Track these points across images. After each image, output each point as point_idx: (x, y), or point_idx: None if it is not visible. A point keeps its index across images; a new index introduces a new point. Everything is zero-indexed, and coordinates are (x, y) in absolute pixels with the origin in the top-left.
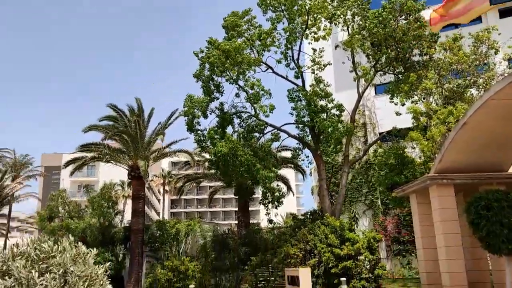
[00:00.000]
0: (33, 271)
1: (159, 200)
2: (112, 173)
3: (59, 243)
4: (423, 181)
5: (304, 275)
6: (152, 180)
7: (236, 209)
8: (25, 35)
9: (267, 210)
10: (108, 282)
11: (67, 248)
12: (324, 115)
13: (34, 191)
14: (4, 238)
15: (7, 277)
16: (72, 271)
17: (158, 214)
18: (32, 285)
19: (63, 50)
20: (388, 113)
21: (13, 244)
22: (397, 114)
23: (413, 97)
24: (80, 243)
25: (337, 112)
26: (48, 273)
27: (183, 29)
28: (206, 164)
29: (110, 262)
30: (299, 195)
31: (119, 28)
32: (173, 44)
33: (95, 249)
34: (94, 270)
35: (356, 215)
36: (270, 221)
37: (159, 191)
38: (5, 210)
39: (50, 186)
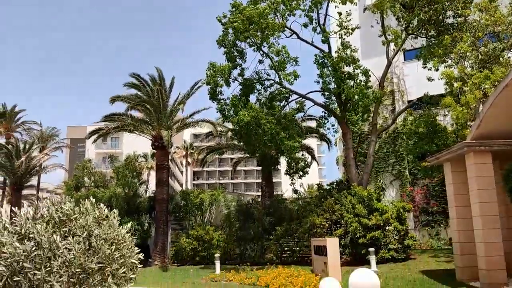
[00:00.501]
0: (54, 234)
1: (181, 172)
2: (135, 145)
3: (80, 205)
4: (460, 148)
5: (332, 244)
6: (174, 152)
7: (258, 181)
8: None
9: (292, 180)
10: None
11: (89, 210)
12: (351, 82)
13: (60, 162)
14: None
15: (26, 241)
16: (97, 234)
17: (181, 185)
18: (54, 249)
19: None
20: (418, 80)
21: (32, 207)
22: (429, 79)
23: (447, 62)
24: (102, 205)
25: (364, 78)
26: (71, 236)
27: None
28: (229, 134)
29: (131, 222)
30: (321, 166)
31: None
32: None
33: (116, 211)
34: (119, 232)
35: (383, 186)
36: (295, 191)
37: (181, 163)
38: (34, 181)
39: (76, 158)
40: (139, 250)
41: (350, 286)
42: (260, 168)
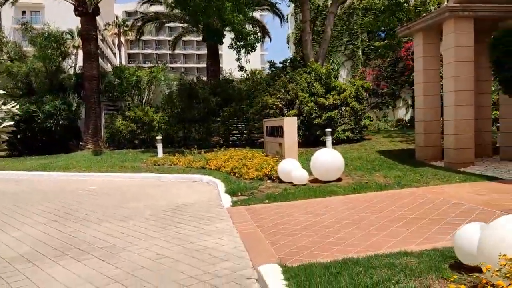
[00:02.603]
0: None
1: (114, 54)
2: (60, 21)
3: None
4: (439, 14)
5: (290, 124)
6: (105, 29)
7: (199, 65)
8: None
9: (238, 55)
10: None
11: None
12: None
13: None
14: None
15: None
16: None
17: None
18: None
19: None
20: None
21: None
22: None
23: None
24: None
25: None
26: None
27: None
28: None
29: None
30: (264, 52)
31: None
32: None
33: None
34: None
35: (335, 66)
36: (241, 67)
37: (113, 43)
38: None
39: None
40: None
41: (313, 166)
42: (200, 52)
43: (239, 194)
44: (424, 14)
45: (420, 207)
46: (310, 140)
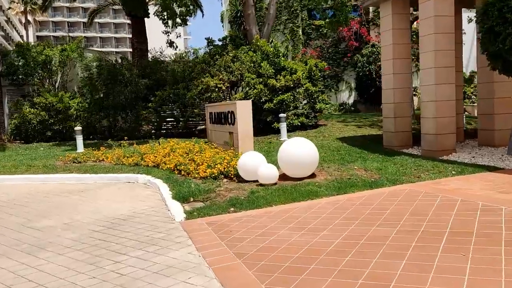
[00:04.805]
0: None
1: (22, 37)
2: None
3: None
4: None
5: (244, 109)
6: (9, 8)
7: (118, 49)
8: None
9: (167, 28)
10: None
11: None
12: None
13: None
14: None
15: None
16: None
17: None
18: None
19: None
20: None
21: None
22: None
23: None
24: None
25: None
26: None
27: None
28: None
29: None
30: (187, 36)
31: None
32: None
33: None
34: None
35: (284, 43)
36: (171, 43)
37: (21, 22)
38: None
39: None
40: None
41: (282, 159)
42: (118, 35)
43: (192, 199)
44: None
45: (444, 213)
46: (259, 127)
